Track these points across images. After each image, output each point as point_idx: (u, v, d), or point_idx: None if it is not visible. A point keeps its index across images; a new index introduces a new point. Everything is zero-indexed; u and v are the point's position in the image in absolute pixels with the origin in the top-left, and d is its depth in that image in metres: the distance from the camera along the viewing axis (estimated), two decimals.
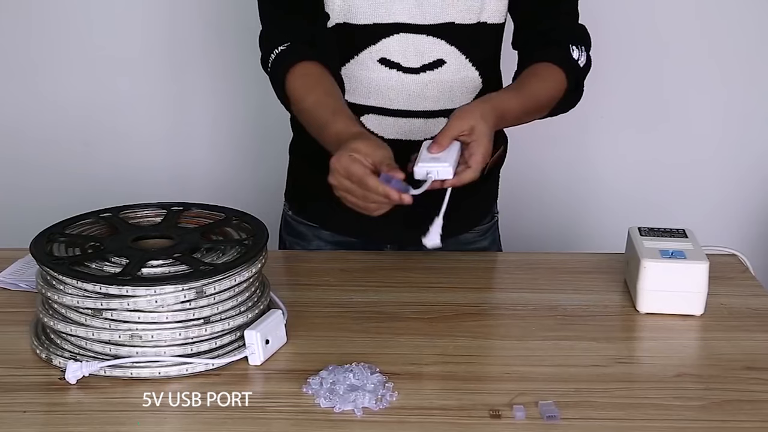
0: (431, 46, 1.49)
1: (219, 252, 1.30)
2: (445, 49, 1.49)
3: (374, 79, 1.51)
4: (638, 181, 2.46)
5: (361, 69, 1.51)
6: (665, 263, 1.39)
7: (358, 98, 1.53)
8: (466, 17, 1.48)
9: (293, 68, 1.44)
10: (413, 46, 1.49)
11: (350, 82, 1.52)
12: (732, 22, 2.33)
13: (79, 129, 2.39)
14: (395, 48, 1.49)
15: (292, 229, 1.71)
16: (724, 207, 2.47)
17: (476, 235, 1.71)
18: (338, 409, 1.13)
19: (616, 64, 2.38)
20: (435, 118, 1.53)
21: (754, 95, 2.39)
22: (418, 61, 1.49)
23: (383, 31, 1.48)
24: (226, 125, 2.41)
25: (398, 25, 1.47)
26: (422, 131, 1.54)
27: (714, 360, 1.28)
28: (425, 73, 1.50)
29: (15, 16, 2.30)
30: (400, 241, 1.65)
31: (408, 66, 1.50)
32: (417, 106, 1.52)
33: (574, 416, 1.13)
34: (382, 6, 1.46)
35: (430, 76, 1.50)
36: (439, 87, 1.51)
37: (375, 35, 1.48)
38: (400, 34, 1.48)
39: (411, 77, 1.50)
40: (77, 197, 1.90)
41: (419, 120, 1.53)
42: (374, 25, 1.47)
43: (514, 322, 1.37)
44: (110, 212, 1.41)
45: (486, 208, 1.72)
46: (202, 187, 2.39)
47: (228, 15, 2.29)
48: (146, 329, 1.19)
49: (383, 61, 1.49)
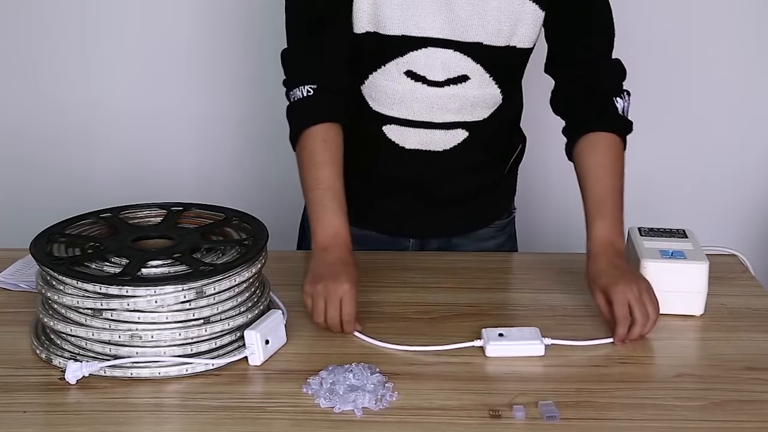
0: (458, 61, 1.47)
1: (219, 252, 1.30)
2: (470, 66, 1.48)
3: (399, 91, 1.50)
4: (638, 181, 2.45)
5: (386, 79, 1.50)
6: (665, 263, 1.39)
7: (381, 108, 1.53)
8: (495, 40, 1.46)
9: (311, 128, 1.44)
10: (440, 61, 1.47)
11: (374, 92, 1.52)
12: (732, 22, 2.32)
13: (80, 129, 2.39)
14: (422, 62, 1.47)
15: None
16: (724, 207, 2.47)
17: (494, 231, 1.72)
18: (338, 409, 1.13)
19: None
20: (454, 129, 1.53)
21: (755, 95, 2.39)
22: (443, 75, 1.48)
23: (412, 44, 1.46)
24: (229, 125, 2.41)
25: (427, 39, 1.45)
26: (442, 141, 1.54)
27: (714, 360, 1.28)
28: (449, 86, 1.49)
29: (16, 15, 2.29)
30: (423, 236, 1.66)
31: (433, 79, 1.49)
32: (438, 117, 1.52)
33: (574, 416, 1.13)
34: (412, 18, 1.44)
35: (454, 90, 1.49)
36: (461, 101, 1.51)
37: (403, 48, 1.47)
38: (429, 48, 1.46)
39: (434, 90, 1.49)
40: (77, 197, 1.89)
41: (439, 131, 1.53)
42: (403, 37, 1.45)
43: (514, 322, 1.37)
44: (110, 212, 1.41)
45: (504, 203, 1.74)
46: (203, 188, 2.38)
47: (227, 14, 2.29)
48: (146, 329, 1.19)
49: (409, 73, 1.48)
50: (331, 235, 1.38)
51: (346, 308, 1.31)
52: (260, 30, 2.24)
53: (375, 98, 1.52)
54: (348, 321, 1.31)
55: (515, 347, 1.27)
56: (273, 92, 2.42)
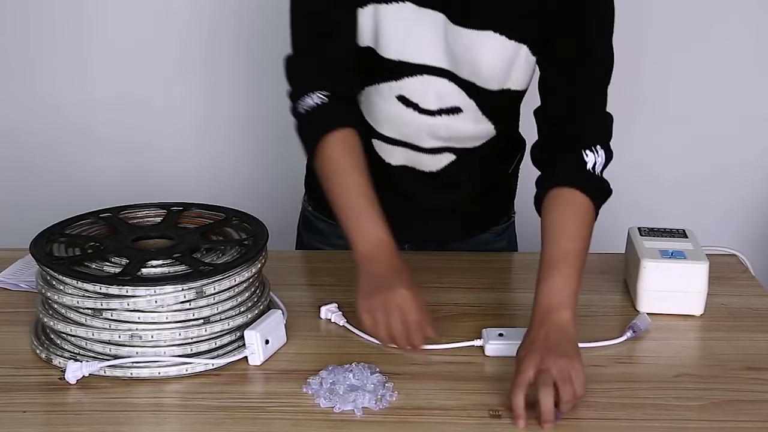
0: (451, 92, 1.44)
1: (219, 252, 1.30)
2: (464, 100, 1.45)
3: (390, 111, 1.47)
4: (638, 181, 2.45)
5: (378, 98, 1.47)
6: (665, 263, 1.39)
7: (372, 121, 1.51)
8: (489, 84, 1.43)
9: (331, 134, 1.38)
10: (433, 90, 1.44)
11: (367, 105, 1.50)
12: (732, 22, 2.32)
13: (79, 129, 2.39)
14: (416, 89, 1.44)
15: (311, 225, 1.70)
16: (724, 207, 2.47)
17: (493, 236, 1.70)
18: (338, 409, 1.13)
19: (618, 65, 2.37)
20: (442, 153, 1.51)
21: (755, 95, 2.39)
22: (436, 105, 1.45)
23: (407, 70, 1.42)
24: (229, 125, 2.41)
25: (423, 67, 1.42)
26: (429, 164, 1.52)
27: (714, 360, 1.28)
28: (441, 116, 1.46)
29: (13, 15, 2.29)
30: (419, 241, 1.64)
31: (426, 108, 1.45)
32: (427, 143, 1.50)
33: (574, 416, 1.13)
34: (410, 45, 1.40)
35: (446, 120, 1.46)
36: (452, 131, 1.48)
37: (398, 72, 1.43)
38: (424, 76, 1.42)
39: (426, 118, 1.46)
40: (77, 197, 1.89)
41: (427, 155, 1.51)
42: (399, 62, 1.42)
43: (514, 322, 1.37)
44: (110, 212, 1.41)
45: (503, 208, 1.72)
46: (203, 188, 2.38)
47: (226, 14, 2.29)
48: (146, 329, 1.19)
49: (401, 98, 1.45)
50: (374, 243, 1.32)
51: (410, 316, 1.24)
52: (261, 30, 2.24)
53: (367, 111, 1.51)
54: (416, 330, 1.24)
55: (515, 347, 1.27)
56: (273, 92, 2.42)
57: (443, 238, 1.66)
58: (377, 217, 1.33)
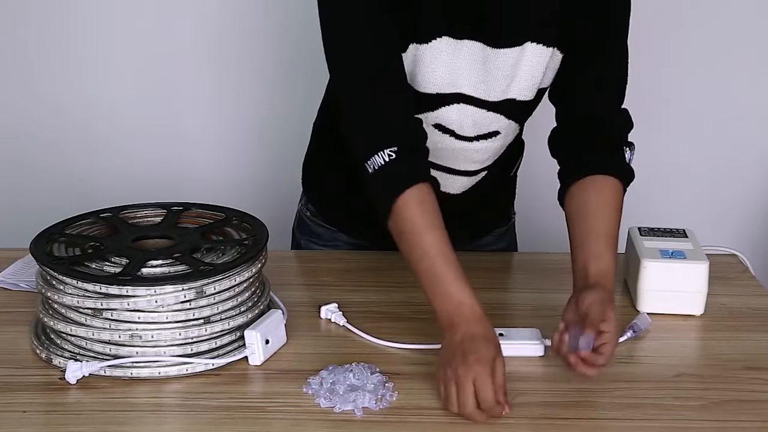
0: (490, 120, 1.42)
1: (219, 252, 1.30)
2: (503, 122, 1.44)
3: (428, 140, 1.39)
4: (638, 181, 2.45)
5: None
6: (665, 263, 1.39)
7: None
8: (527, 94, 1.41)
9: (407, 192, 1.27)
10: (471, 119, 1.42)
11: None
12: (732, 21, 2.32)
13: (79, 129, 2.39)
14: (453, 117, 1.42)
15: (308, 229, 1.69)
16: (724, 207, 2.46)
17: (494, 238, 1.70)
18: (338, 409, 1.13)
19: None
20: (476, 175, 1.51)
21: (755, 94, 2.38)
22: (473, 132, 1.43)
23: (444, 100, 1.40)
24: (228, 125, 2.41)
25: (460, 95, 1.39)
26: (461, 185, 1.51)
27: (714, 360, 1.28)
28: (479, 141, 1.45)
29: (13, 16, 2.29)
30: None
31: (463, 135, 1.44)
32: (463, 166, 1.49)
33: (574, 416, 1.13)
34: (447, 78, 1.37)
35: (483, 144, 1.45)
36: (488, 152, 1.47)
37: (435, 104, 1.40)
38: (460, 104, 1.40)
39: (463, 144, 1.45)
40: (77, 197, 1.89)
41: (462, 177, 1.50)
42: (437, 95, 1.39)
43: (514, 322, 1.37)
44: (110, 212, 1.41)
45: (503, 210, 1.72)
46: (204, 187, 2.38)
47: (227, 15, 2.29)
48: (146, 329, 1.19)
49: (438, 126, 1.43)
50: (454, 307, 1.21)
51: (481, 393, 1.12)
52: (262, 30, 2.24)
53: None
54: (489, 407, 1.12)
55: (515, 347, 1.27)
56: (274, 92, 2.43)
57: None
58: (457, 278, 1.23)
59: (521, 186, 1.75)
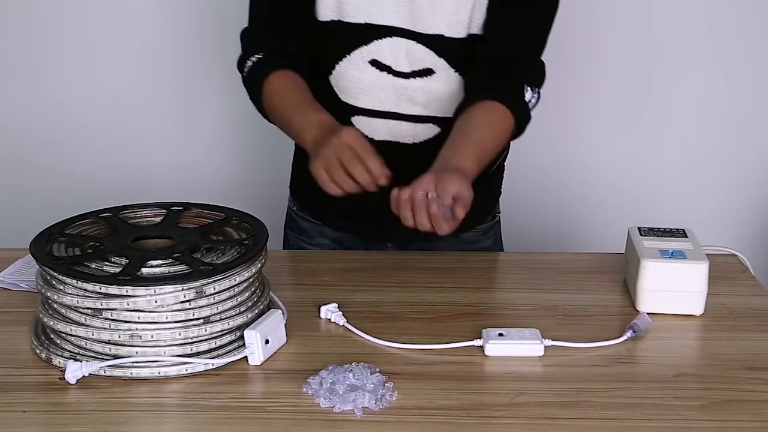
0: (421, 54, 1.48)
1: (219, 252, 1.30)
2: (434, 59, 1.49)
3: (365, 80, 1.51)
4: (638, 181, 2.45)
5: (352, 69, 1.51)
6: (665, 263, 1.39)
7: (348, 98, 1.53)
8: (455, 31, 1.47)
9: (272, 75, 1.46)
10: (405, 52, 1.48)
11: (342, 81, 1.53)
12: (731, 21, 2.33)
13: (79, 129, 2.39)
14: (387, 51, 1.48)
15: (296, 225, 1.72)
16: (724, 207, 2.47)
17: (478, 235, 1.71)
18: (338, 409, 1.13)
19: (616, 64, 2.38)
20: (423, 123, 1.53)
21: (754, 95, 2.39)
22: (408, 67, 1.49)
23: (376, 32, 1.47)
24: (229, 124, 2.41)
25: (391, 28, 1.47)
26: (410, 134, 1.54)
27: (714, 360, 1.28)
28: (415, 79, 1.50)
29: (15, 15, 2.30)
30: (402, 240, 1.65)
31: (399, 70, 1.50)
32: (406, 110, 1.52)
33: (574, 416, 1.13)
34: (374, 7, 1.46)
35: (420, 83, 1.50)
36: (428, 95, 1.51)
37: (367, 36, 1.48)
38: (393, 37, 1.47)
39: (401, 81, 1.50)
40: (77, 197, 1.90)
41: (408, 123, 1.54)
42: (366, 25, 1.47)
43: (514, 322, 1.37)
44: (110, 212, 1.41)
45: (488, 206, 1.72)
46: (203, 187, 2.39)
47: (228, 12, 2.29)
48: (146, 329, 1.19)
49: (374, 62, 1.49)
50: (317, 124, 1.36)
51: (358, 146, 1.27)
52: None
53: (342, 88, 1.53)
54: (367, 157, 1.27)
55: (515, 347, 1.27)
56: None
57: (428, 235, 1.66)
58: (319, 109, 1.39)
59: (506, 188, 1.75)
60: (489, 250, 1.71)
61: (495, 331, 1.30)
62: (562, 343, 1.29)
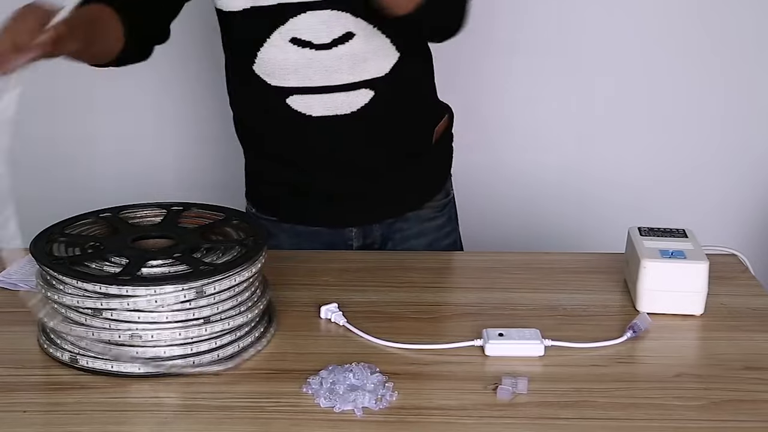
0: (338, 20, 1.48)
1: (219, 252, 1.30)
2: (352, 21, 1.48)
3: (290, 60, 1.51)
4: (638, 181, 2.46)
5: (275, 51, 1.51)
6: (665, 263, 1.39)
7: (280, 81, 1.53)
8: None
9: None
10: (321, 22, 1.48)
11: (267, 67, 1.53)
12: (731, 22, 2.33)
13: (79, 129, 2.39)
14: (304, 27, 1.48)
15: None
16: (724, 207, 2.47)
17: (432, 212, 1.72)
18: (338, 409, 1.13)
19: (615, 64, 2.38)
20: (357, 89, 1.53)
21: (754, 95, 2.39)
22: (328, 37, 1.49)
23: (290, 11, 1.47)
24: (229, 124, 2.41)
25: (304, 3, 1.47)
26: (346, 104, 1.54)
27: (714, 360, 1.28)
28: (337, 47, 1.50)
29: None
30: (363, 221, 1.66)
31: (319, 43, 1.49)
32: (336, 80, 1.52)
33: (574, 416, 1.13)
34: None
35: (342, 50, 1.50)
36: (352, 59, 1.51)
37: (283, 15, 1.48)
38: (307, 12, 1.47)
39: (324, 53, 1.50)
40: (77, 197, 1.89)
41: (341, 94, 1.53)
42: (279, 5, 1.47)
43: (514, 322, 1.37)
44: (110, 212, 1.41)
45: (437, 182, 1.74)
46: (203, 187, 2.38)
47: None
48: (146, 329, 1.19)
49: (294, 40, 1.49)
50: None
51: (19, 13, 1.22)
52: None
53: (270, 73, 1.53)
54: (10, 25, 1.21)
55: (515, 347, 1.27)
56: None
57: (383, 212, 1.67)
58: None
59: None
60: (445, 228, 1.73)
61: (495, 331, 1.30)
62: (562, 343, 1.29)
